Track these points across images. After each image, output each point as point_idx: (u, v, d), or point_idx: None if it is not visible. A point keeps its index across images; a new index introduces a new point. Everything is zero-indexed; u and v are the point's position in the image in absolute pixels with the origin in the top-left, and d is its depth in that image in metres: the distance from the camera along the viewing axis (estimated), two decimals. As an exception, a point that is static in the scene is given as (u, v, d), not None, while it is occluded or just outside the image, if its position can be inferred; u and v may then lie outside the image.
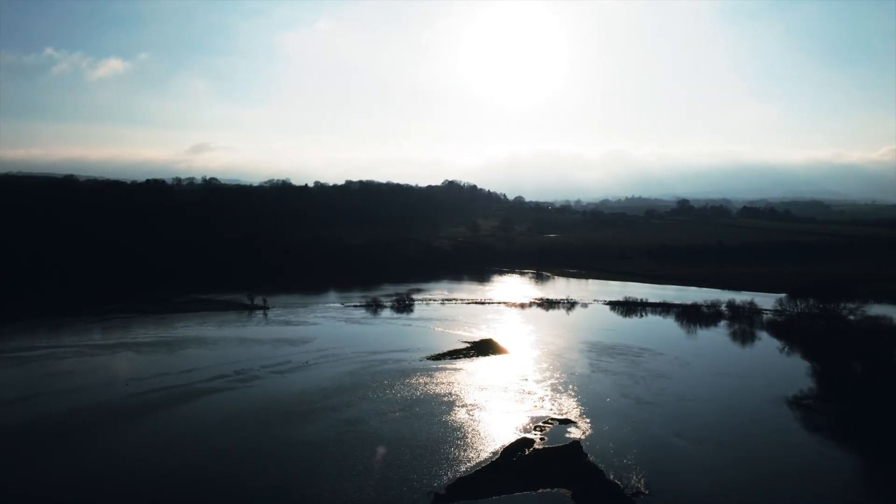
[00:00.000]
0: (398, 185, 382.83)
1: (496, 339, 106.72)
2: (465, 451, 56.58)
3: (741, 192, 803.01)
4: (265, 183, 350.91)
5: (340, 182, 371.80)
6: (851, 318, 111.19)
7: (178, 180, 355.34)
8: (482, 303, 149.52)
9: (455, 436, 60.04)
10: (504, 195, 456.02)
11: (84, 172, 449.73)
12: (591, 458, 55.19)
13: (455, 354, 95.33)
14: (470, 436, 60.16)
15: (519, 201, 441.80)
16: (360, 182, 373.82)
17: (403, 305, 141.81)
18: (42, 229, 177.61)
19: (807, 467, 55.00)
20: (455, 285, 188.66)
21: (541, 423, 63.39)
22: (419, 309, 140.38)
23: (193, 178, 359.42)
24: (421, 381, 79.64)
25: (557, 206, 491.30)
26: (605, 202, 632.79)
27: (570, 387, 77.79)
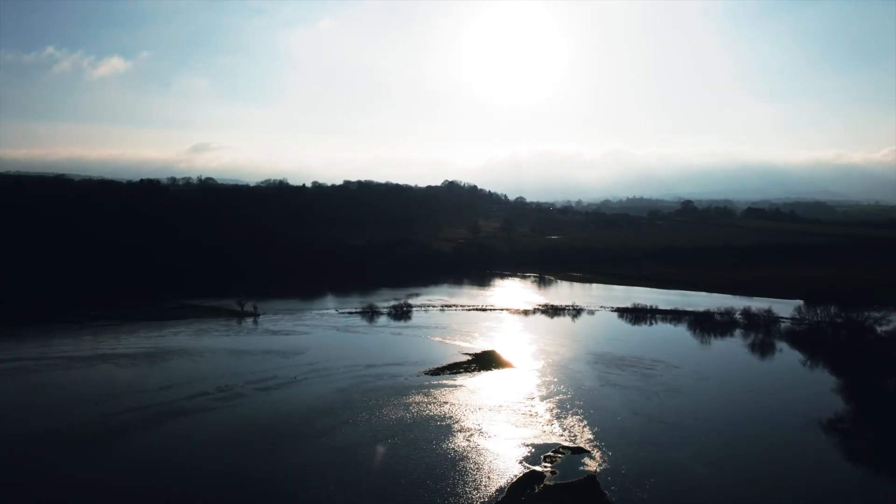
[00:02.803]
0: (397, 186, 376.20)
1: (499, 350, 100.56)
2: (467, 488, 50.41)
3: (743, 193, 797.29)
4: (262, 183, 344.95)
5: (339, 182, 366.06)
6: (878, 327, 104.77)
7: (174, 180, 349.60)
8: (483, 309, 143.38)
9: (456, 469, 53.83)
10: (505, 196, 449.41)
11: (84, 172, 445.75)
12: (609, 495, 49.16)
13: (455, 368, 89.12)
14: (472, 469, 53.94)
15: (520, 202, 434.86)
16: (359, 182, 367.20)
17: (401, 312, 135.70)
18: (41, 229, 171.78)
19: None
20: (455, 289, 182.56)
21: (550, 454, 57.20)
22: (417, 316, 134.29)
23: (189, 178, 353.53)
24: (418, 399, 73.51)
25: (559, 206, 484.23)
26: (606, 202, 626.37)
27: (579, 404, 72.09)
